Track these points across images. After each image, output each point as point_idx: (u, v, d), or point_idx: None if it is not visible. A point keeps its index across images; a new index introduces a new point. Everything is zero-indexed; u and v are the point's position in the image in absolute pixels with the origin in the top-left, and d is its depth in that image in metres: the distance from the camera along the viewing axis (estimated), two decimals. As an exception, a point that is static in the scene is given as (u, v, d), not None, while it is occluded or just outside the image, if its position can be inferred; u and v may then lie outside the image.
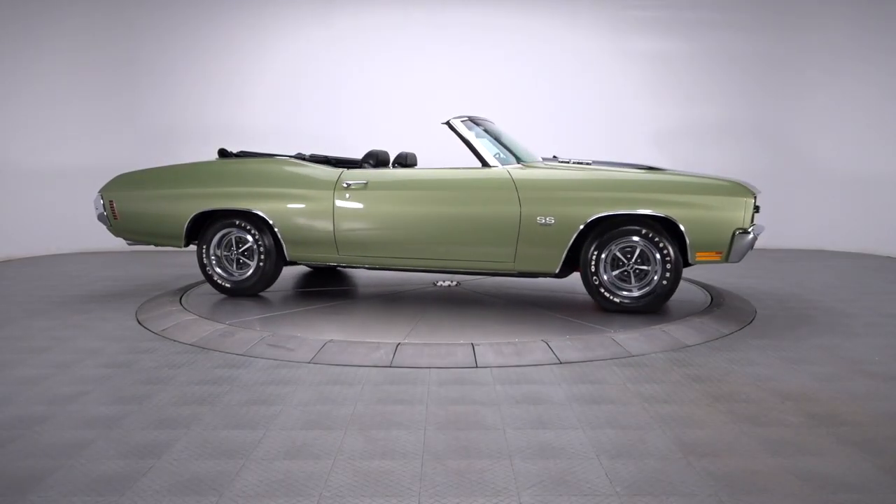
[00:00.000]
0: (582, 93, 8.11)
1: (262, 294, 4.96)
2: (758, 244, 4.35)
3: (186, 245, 4.95)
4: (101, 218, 5.15)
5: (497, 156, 4.57)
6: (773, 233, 6.81)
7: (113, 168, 7.90)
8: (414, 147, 5.62)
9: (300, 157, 5.13)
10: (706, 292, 4.97)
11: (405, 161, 4.71)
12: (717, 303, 4.57)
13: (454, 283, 5.33)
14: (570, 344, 3.56)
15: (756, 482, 2.09)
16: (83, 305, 4.90)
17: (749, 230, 3.94)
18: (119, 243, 7.92)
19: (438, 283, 5.32)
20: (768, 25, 8.01)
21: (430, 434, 2.49)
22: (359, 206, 4.48)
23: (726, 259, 3.95)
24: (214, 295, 4.95)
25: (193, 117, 8.07)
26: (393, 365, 3.33)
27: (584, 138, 7.92)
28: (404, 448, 2.36)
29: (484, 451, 2.34)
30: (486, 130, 4.78)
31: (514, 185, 4.17)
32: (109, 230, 5.19)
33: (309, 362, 3.39)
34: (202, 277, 5.68)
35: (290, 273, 6.01)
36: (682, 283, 5.33)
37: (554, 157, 4.56)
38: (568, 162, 4.37)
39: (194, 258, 7.09)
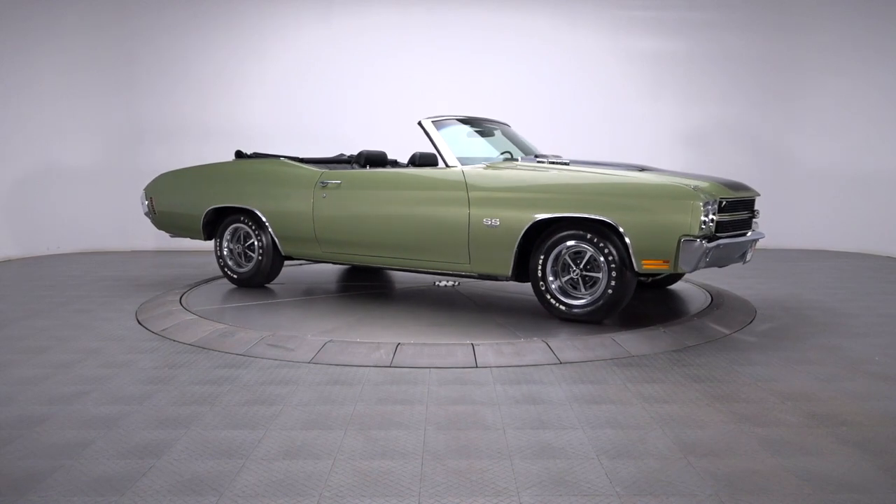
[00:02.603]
0: (582, 93, 8.11)
1: (272, 289, 5.16)
2: (758, 244, 4.30)
3: (207, 239, 5.40)
4: (146, 213, 5.70)
5: (497, 157, 4.57)
6: (773, 233, 6.82)
7: (113, 168, 7.99)
8: (414, 147, 5.61)
9: (340, 157, 5.53)
10: (706, 293, 4.96)
11: (418, 161, 4.60)
12: (717, 303, 4.57)
13: (454, 283, 5.33)
14: (570, 344, 3.56)
15: (756, 482, 2.09)
16: (83, 305, 4.90)
17: (698, 238, 3.52)
18: (118, 244, 8.05)
19: (438, 284, 5.33)
20: (768, 25, 8.01)
21: (430, 434, 2.49)
22: (333, 204, 4.63)
23: (675, 268, 3.58)
24: (214, 295, 4.98)
25: (193, 117, 8.07)
26: (393, 365, 3.33)
27: (584, 138, 7.91)
28: (404, 448, 2.36)
29: (484, 451, 2.34)
30: (480, 132, 4.79)
31: (466, 185, 4.12)
32: (153, 224, 5.74)
33: (309, 362, 3.39)
34: (202, 278, 5.84)
35: (328, 269, 6.19)
36: (681, 283, 5.32)
37: (536, 156, 4.51)
38: (545, 161, 4.28)
39: (194, 259, 7.24)
